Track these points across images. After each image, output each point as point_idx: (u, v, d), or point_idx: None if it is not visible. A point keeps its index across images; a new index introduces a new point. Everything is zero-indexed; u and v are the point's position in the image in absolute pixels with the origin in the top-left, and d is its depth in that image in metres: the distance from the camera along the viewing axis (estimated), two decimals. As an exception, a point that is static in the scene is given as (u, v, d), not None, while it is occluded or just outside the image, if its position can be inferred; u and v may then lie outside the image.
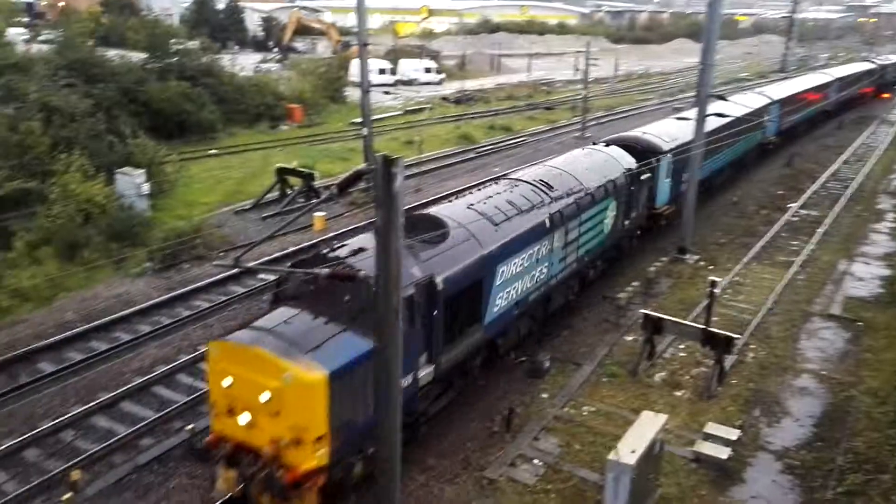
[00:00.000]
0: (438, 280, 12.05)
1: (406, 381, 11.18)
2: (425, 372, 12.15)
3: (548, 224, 15.69)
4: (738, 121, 28.36)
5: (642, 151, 21.70)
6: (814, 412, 14.60)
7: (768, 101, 34.73)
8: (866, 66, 58.22)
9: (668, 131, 24.87)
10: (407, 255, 11.30)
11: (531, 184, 16.53)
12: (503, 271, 14.14)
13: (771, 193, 31.42)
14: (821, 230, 25.94)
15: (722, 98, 27.55)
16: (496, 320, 14.27)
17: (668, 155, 22.75)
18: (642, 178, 20.87)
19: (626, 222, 20.50)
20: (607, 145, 21.63)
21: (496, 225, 14.21)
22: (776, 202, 29.95)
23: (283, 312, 11.04)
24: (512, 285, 14.59)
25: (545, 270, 15.97)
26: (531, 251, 15.16)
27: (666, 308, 18.51)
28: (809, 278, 21.56)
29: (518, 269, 14.72)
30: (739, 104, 31.26)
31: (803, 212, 28.59)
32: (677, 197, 24.25)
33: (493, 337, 14.56)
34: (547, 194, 16.25)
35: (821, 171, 35.33)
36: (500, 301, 14.22)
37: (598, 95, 59.07)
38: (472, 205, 14.77)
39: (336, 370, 10.02)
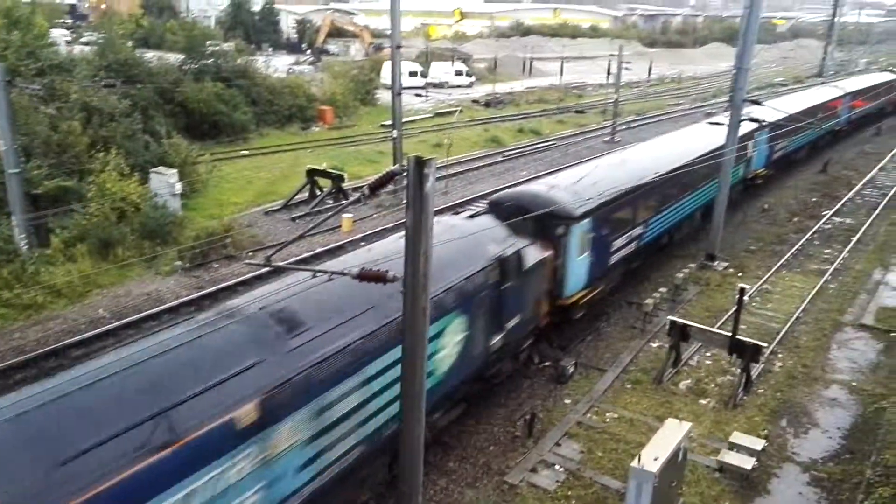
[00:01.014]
0: None
1: None
2: None
3: (239, 426, 7.93)
4: (703, 159, 21.19)
5: (541, 217, 14.08)
6: (843, 424, 14.34)
7: (754, 126, 25.37)
8: (889, 76, 52.26)
9: (591, 181, 17.10)
10: None
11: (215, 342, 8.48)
12: None
13: (804, 200, 30.88)
14: (855, 238, 25.43)
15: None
16: None
17: (585, 220, 15.88)
18: (528, 266, 13.96)
19: (497, 339, 13.24)
20: (477, 214, 14.47)
21: (60, 464, 6.66)
22: (809, 209, 29.43)
23: None
24: None
25: None
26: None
27: (693, 315, 18.37)
28: (842, 287, 21.14)
29: None
30: (705, 136, 24.53)
31: (837, 219, 28.04)
32: (605, 273, 17.72)
33: None
34: (270, 348, 8.63)
35: (857, 178, 34.66)
36: None
37: (630, 100, 58.64)
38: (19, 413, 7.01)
39: None
